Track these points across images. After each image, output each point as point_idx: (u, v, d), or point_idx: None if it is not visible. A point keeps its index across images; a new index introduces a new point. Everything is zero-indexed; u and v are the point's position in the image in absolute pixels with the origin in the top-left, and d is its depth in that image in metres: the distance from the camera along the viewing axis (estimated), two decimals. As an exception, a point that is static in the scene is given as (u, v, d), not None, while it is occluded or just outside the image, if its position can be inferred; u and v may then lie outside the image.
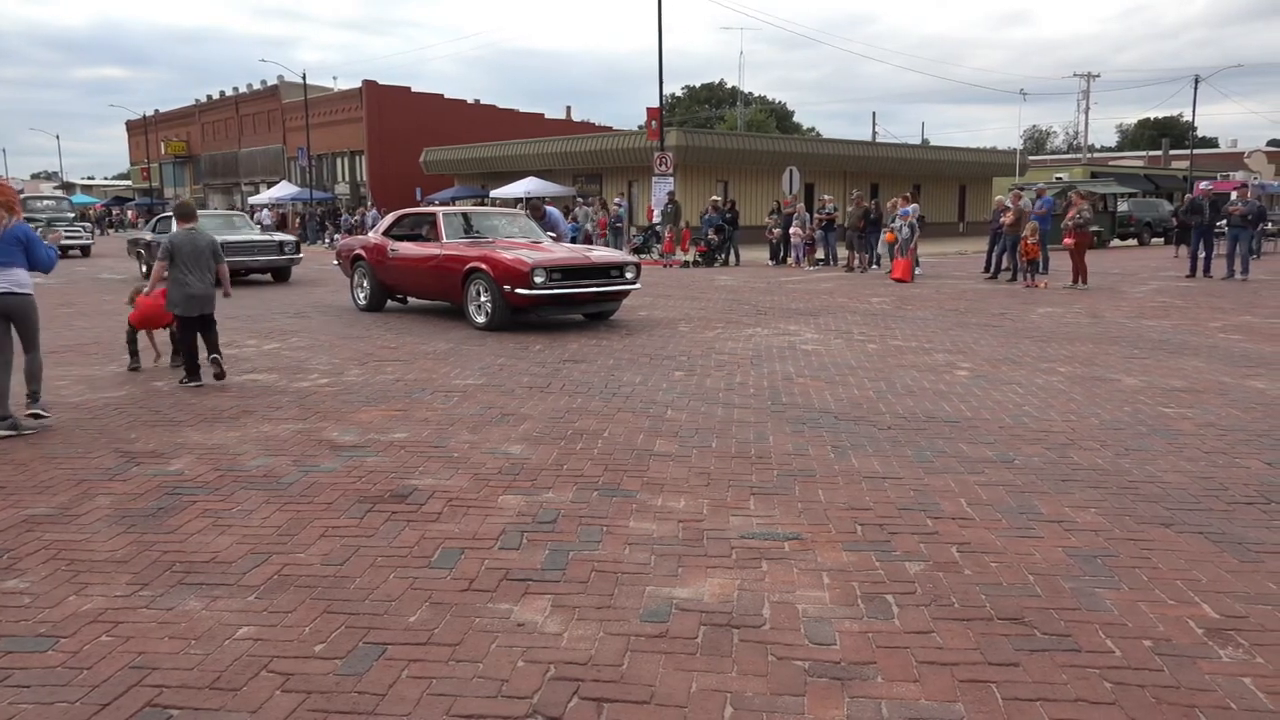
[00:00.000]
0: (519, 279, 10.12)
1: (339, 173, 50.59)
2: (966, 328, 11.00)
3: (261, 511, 4.43)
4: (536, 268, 10.09)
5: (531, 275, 10.06)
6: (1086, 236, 16.34)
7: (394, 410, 6.58)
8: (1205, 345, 9.54)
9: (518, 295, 10.16)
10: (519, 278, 10.12)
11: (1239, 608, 3.37)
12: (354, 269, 13.14)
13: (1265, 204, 27.19)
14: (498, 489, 4.76)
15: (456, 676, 2.90)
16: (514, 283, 10.14)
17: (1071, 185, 29.01)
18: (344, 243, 14.37)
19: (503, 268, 10.26)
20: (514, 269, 10.16)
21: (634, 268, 11.16)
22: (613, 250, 14.46)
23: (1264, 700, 2.75)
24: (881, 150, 39.87)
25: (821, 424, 6.14)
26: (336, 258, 13.89)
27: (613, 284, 10.91)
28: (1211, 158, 64.47)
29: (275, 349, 9.49)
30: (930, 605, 3.39)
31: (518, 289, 10.13)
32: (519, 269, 10.13)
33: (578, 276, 10.59)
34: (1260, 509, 4.43)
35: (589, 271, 10.75)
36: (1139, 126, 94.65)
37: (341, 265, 13.65)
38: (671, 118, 56.07)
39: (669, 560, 3.82)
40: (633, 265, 11.19)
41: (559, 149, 36.06)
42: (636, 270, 11.18)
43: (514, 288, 10.15)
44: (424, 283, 11.78)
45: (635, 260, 11.34)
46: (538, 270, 10.09)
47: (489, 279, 10.40)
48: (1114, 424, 6.12)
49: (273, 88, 54.18)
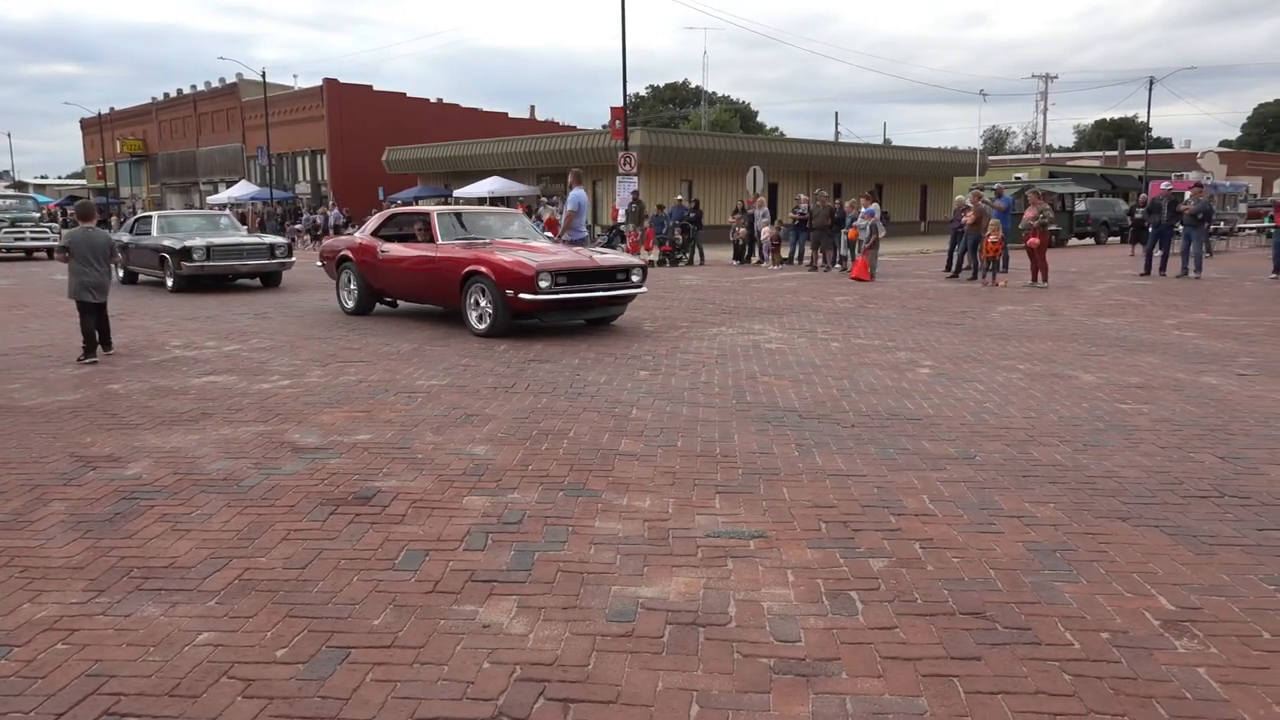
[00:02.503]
0: (523, 283, 9.53)
1: (300, 172, 50.06)
2: (928, 326, 11.12)
3: (222, 515, 4.37)
4: (542, 271, 9.51)
5: (536, 279, 9.47)
6: (1047, 236, 16.58)
7: (357, 411, 6.52)
8: (1160, 342, 9.72)
9: (521, 300, 9.58)
10: (523, 282, 9.53)
11: (1194, 599, 3.43)
12: (340, 271, 12.57)
13: (1216, 204, 27.77)
14: (462, 490, 4.73)
15: (421, 679, 2.88)
16: (517, 287, 9.56)
17: (1030, 185, 29.40)
18: (329, 243, 13.64)
19: (505, 271, 9.68)
20: (518, 273, 9.57)
21: (640, 270, 10.59)
22: (617, 252, 13.87)
23: (1218, 690, 2.81)
24: (844, 150, 40.22)
25: (786, 422, 6.17)
26: (321, 259, 13.32)
27: (619, 288, 10.35)
28: (1166, 158, 65.68)
29: (235, 350, 9.36)
30: (894, 601, 3.42)
31: (521, 293, 9.54)
32: (523, 273, 9.53)
33: (584, 280, 10.02)
34: (1214, 502, 4.52)
35: (595, 275, 10.18)
36: (1096, 127, 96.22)
37: (326, 267, 13.05)
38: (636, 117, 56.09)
39: (635, 560, 3.82)
40: (639, 268, 10.60)
41: (523, 148, 35.96)
42: (643, 273, 10.63)
43: (517, 292, 9.56)
44: (417, 286, 11.22)
45: (641, 263, 10.80)
46: (543, 274, 9.52)
47: (490, 283, 9.80)
48: (1072, 420, 6.22)
49: (231, 86, 53.50)
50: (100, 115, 64.82)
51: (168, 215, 18.40)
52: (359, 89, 47.33)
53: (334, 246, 13.04)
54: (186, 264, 15.19)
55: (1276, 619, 3.27)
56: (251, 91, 49.36)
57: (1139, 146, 60.03)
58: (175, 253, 15.26)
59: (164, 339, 10.21)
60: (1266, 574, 3.66)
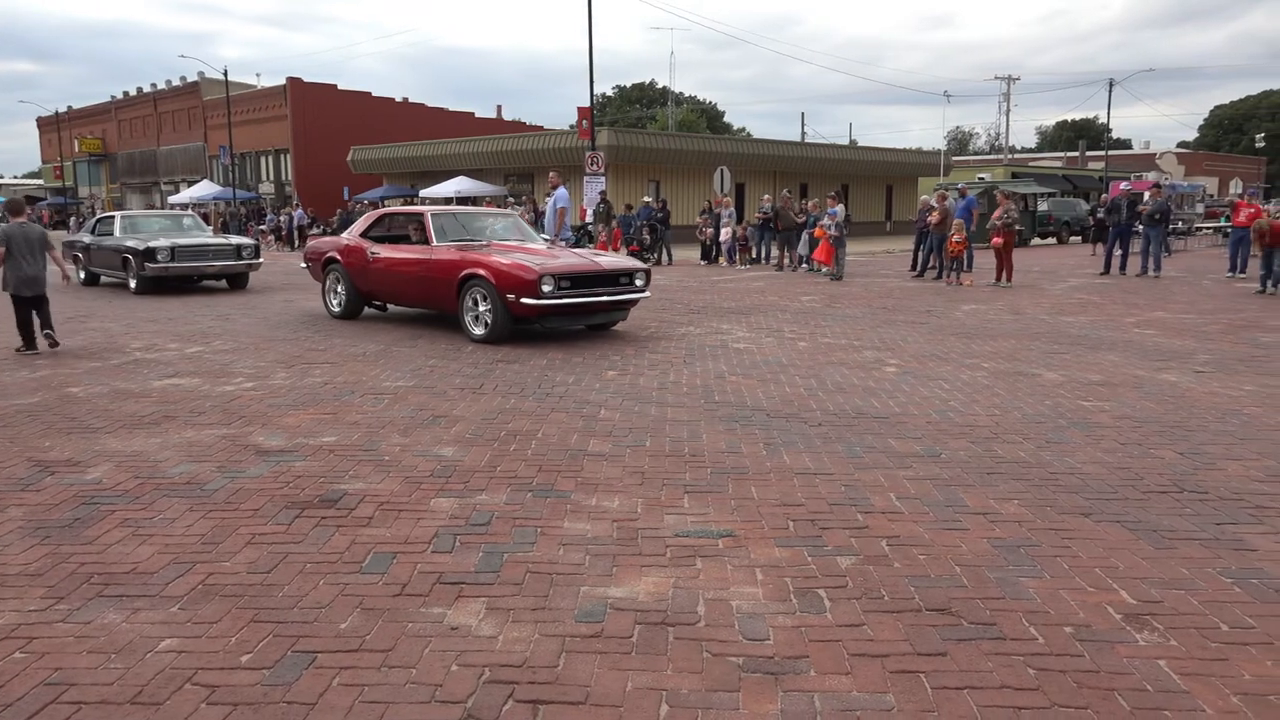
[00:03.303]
0: (525, 288, 9.11)
1: (263, 172, 49.51)
2: (894, 325, 11.21)
3: (184, 520, 4.31)
4: (545, 275, 9.11)
5: (539, 284, 9.07)
6: (1012, 235, 16.79)
7: (323, 413, 6.45)
8: (1121, 340, 9.87)
9: (523, 305, 9.17)
10: (525, 286, 9.11)
11: (1154, 593, 3.49)
12: (326, 273, 12.01)
13: (1174, 204, 28.26)
14: (430, 492, 4.70)
15: (389, 683, 2.86)
16: (519, 291, 9.13)
17: (994, 185, 29.76)
18: (314, 244, 12.96)
19: (506, 275, 9.26)
20: (519, 276, 9.15)
21: (644, 274, 10.17)
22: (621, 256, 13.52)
23: (1178, 681, 2.85)
24: (811, 150, 40.43)
25: (754, 421, 6.20)
26: (306, 260, 12.73)
27: (623, 292, 9.95)
28: (1126, 158, 66.82)
29: (198, 352, 9.24)
30: (861, 598, 3.45)
31: (523, 298, 9.12)
32: (525, 276, 9.11)
33: (587, 284, 9.60)
34: (1173, 497, 4.60)
35: (599, 279, 9.75)
36: (1057, 128, 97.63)
37: (311, 269, 12.47)
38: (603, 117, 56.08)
39: (604, 560, 3.81)
40: (642, 272, 10.17)
41: (490, 148, 35.81)
42: (646, 277, 10.23)
43: (519, 297, 9.14)
44: (410, 290, 10.70)
45: (645, 267, 10.38)
46: (546, 278, 9.11)
47: (490, 287, 9.37)
48: (1036, 417, 6.30)
49: (193, 84, 52.81)
50: (58, 114, 63.74)
51: (131, 215, 18.06)
52: (323, 88, 46.90)
53: (320, 248, 12.49)
54: (150, 265, 14.94)
55: (1234, 611, 3.33)
56: (213, 90, 48.74)
57: (1099, 147, 60.98)
58: (139, 254, 15.00)
59: (124, 341, 10.05)
60: (1224, 567, 3.73)
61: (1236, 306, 13.26)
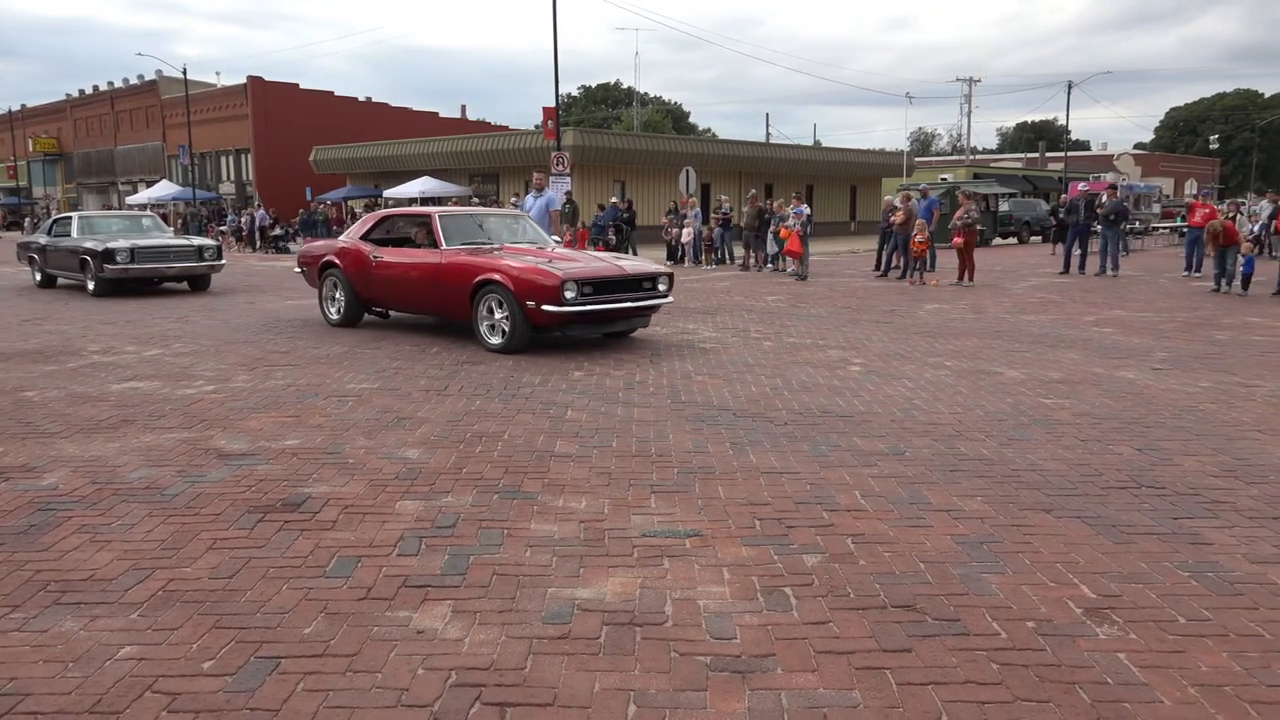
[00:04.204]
0: (546, 294, 8.56)
1: (224, 172, 48.87)
2: (859, 324, 11.30)
3: (144, 525, 4.24)
4: (568, 281, 8.57)
5: (562, 290, 8.55)
6: (974, 235, 16.99)
7: (285, 416, 6.38)
8: (1080, 338, 10.03)
9: (544, 313, 8.63)
10: (546, 293, 8.56)
11: (1114, 587, 3.55)
12: (323, 278, 11.25)
13: (1130, 204, 28.74)
14: (395, 494, 4.67)
15: (354, 688, 2.84)
16: (540, 298, 8.58)
17: (956, 186, 30.09)
18: (309, 247, 12.29)
19: (526, 281, 8.68)
20: (540, 283, 8.60)
21: (667, 279, 9.72)
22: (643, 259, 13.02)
23: (1137, 674, 2.90)
24: (775, 151, 40.62)
25: (720, 421, 6.21)
26: (300, 264, 11.99)
27: (647, 298, 9.46)
28: (1084, 160, 67.86)
29: (157, 355, 9.10)
30: (827, 596, 3.47)
31: (544, 305, 8.57)
32: (546, 283, 8.57)
33: (610, 290, 9.09)
34: (1132, 493, 4.67)
35: (623, 284, 9.25)
36: (1017, 129, 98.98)
37: (307, 274, 11.76)
38: (568, 118, 55.98)
39: (571, 561, 3.81)
40: (665, 276, 9.72)
41: (454, 148, 35.62)
42: (670, 281, 9.78)
43: (539, 304, 8.59)
44: (418, 296, 10.06)
45: (669, 271, 9.94)
46: (569, 284, 8.58)
47: (507, 294, 8.81)
48: (998, 415, 6.38)
49: (151, 83, 52.01)
50: (11, 112, 62.46)
51: (88, 216, 17.72)
52: (285, 87, 46.37)
53: (315, 251, 11.78)
54: (109, 267, 14.68)
55: (1191, 604, 3.40)
56: (172, 89, 48.03)
57: (1059, 148, 61.87)
58: (97, 255, 14.72)
59: (81, 344, 9.87)
60: (1181, 561, 3.80)
61: (1192, 305, 13.52)
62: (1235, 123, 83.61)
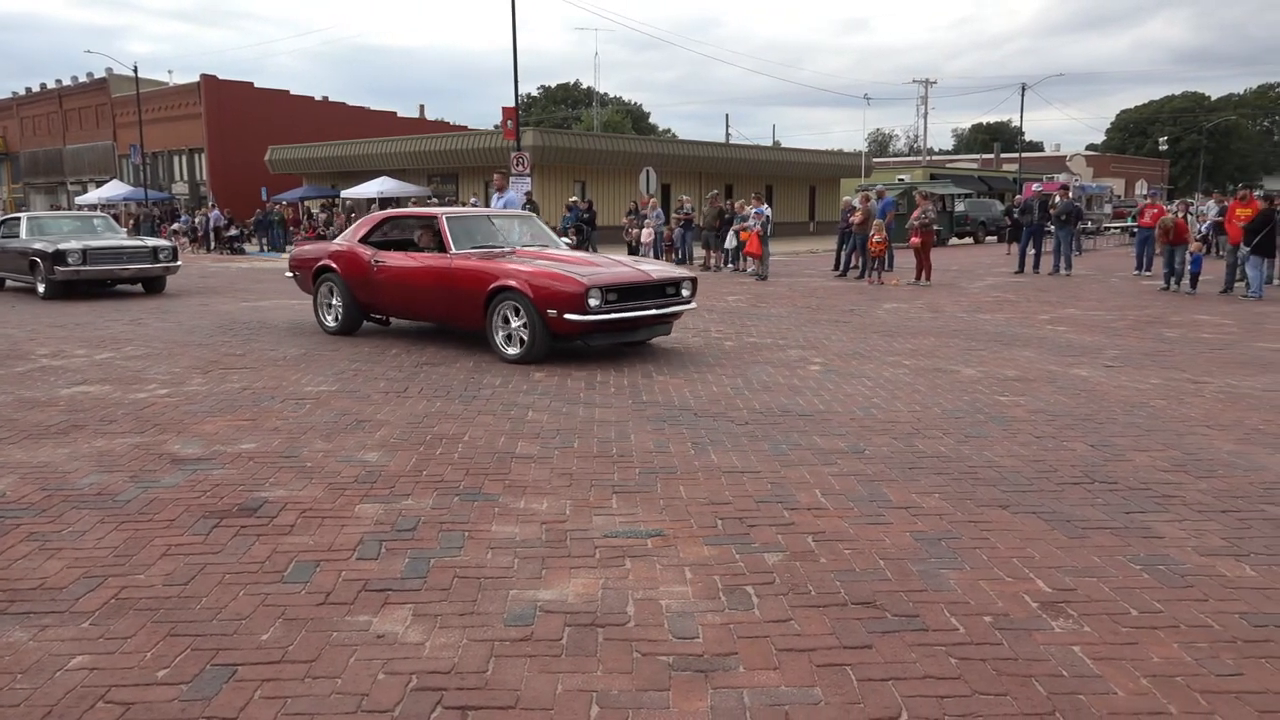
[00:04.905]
0: (569, 302, 8.05)
1: (176, 172, 48.04)
2: (818, 324, 11.39)
3: (95, 532, 4.16)
4: (592, 288, 8.08)
5: (586, 297, 8.03)
6: (930, 235, 17.20)
7: (241, 420, 6.29)
8: (1035, 337, 10.19)
9: (566, 322, 8.11)
10: (569, 300, 8.05)
11: (1068, 581, 3.61)
12: (318, 283, 10.57)
13: (1083, 204, 29.26)
14: (354, 498, 4.62)
15: (313, 694, 2.80)
16: (562, 306, 8.08)
17: (913, 186, 30.42)
18: (304, 250, 11.42)
19: (546, 288, 8.16)
20: (562, 290, 8.09)
21: (690, 284, 9.19)
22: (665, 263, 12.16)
23: (1091, 666, 2.95)
24: (735, 152, 40.80)
25: (681, 421, 6.23)
26: (292, 268, 11.24)
27: (670, 304, 8.93)
28: (1038, 161, 69.00)
29: (108, 358, 8.92)
30: (788, 594, 3.49)
31: (566, 314, 8.06)
32: (570, 290, 8.05)
33: (633, 297, 8.55)
34: (1085, 488, 4.76)
35: (647, 290, 8.72)
36: (973, 131, 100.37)
37: (300, 278, 11.01)
38: (528, 118, 55.82)
39: (532, 563, 3.79)
40: (689, 281, 9.20)
41: (413, 148, 35.33)
42: (693, 287, 9.25)
43: (561, 312, 8.08)
44: (425, 304, 9.47)
45: (692, 275, 9.46)
46: (593, 290, 8.08)
47: (525, 301, 8.26)
48: (955, 413, 6.46)
49: (100, 81, 50.98)
50: (-46, 110, 60.89)
51: (38, 217, 17.28)
52: (239, 86, 45.67)
53: (309, 254, 10.99)
54: (60, 268, 14.34)
55: (1143, 597, 3.46)
56: (122, 87, 47.11)
57: (1013, 149, 62.85)
58: (48, 256, 14.38)
59: (29, 348, 9.65)
60: (1133, 554, 3.87)
61: (1143, 303, 13.80)
62: (1183, 124, 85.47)
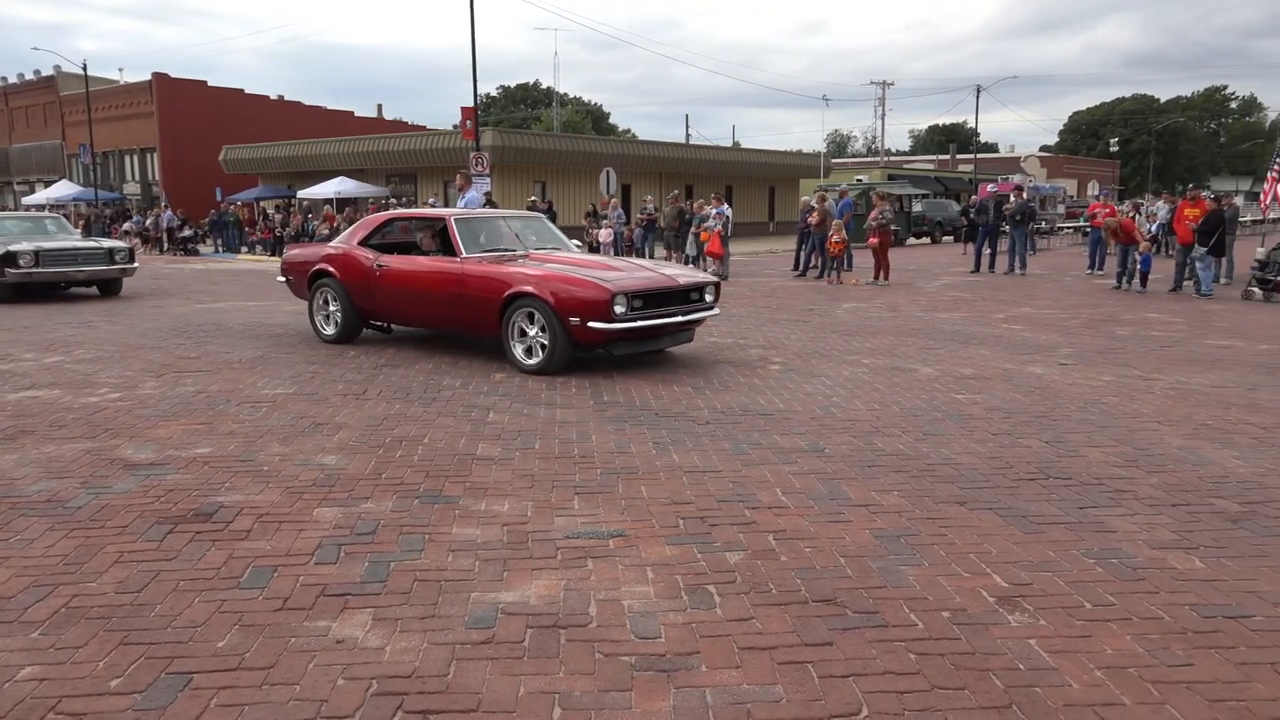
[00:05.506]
0: (594, 309, 7.61)
1: (128, 171, 47.16)
2: (778, 324, 11.46)
3: (45, 540, 4.07)
4: (618, 294, 7.65)
5: (612, 304, 7.61)
6: (888, 235, 17.38)
7: (196, 424, 6.19)
8: (991, 335, 10.33)
9: (591, 330, 7.68)
10: (594, 307, 7.61)
11: (1024, 576, 3.66)
12: (314, 289, 9.97)
13: (1036, 204, 29.74)
14: (312, 501, 4.56)
15: (271, 701, 2.76)
16: (586, 314, 7.63)
17: (871, 187, 30.71)
18: (295, 253, 10.76)
19: (569, 295, 7.72)
20: (587, 297, 7.65)
21: (713, 289, 8.78)
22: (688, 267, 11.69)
23: (1047, 659, 3.00)
24: (695, 152, 40.89)
25: (642, 421, 6.23)
26: (284, 272, 10.64)
27: (695, 310, 8.50)
28: (993, 162, 69.98)
29: (57, 362, 8.73)
30: (750, 593, 3.51)
31: (591, 321, 7.62)
32: (595, 297, 7.62)
33: (659, 303, 8.17)
34: (1040, 484, 4.83)
35: (673, 296, 8.32)
36: (929, 132, 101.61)
37: (294, 283, 10.43)
38: (487, 117, 55.52)
39: (494, 565, 3.77)
40: (712, 286, 8.80)
41: (370, 148, 34.98)
42: (716, 291, 8.84)
43: (586, 320, 7.64)
44: (434, 310, 8.94)
45: (716, 280, 9.07)
46: (619, 297, 7.65)
47: (545, 308, 7.83)
48: (913, 411, 6.53)
49: (49, 78, 49.88)
50: (-105, 108, 59.26)
51: None
52: (192, 84, 44.91)
53: (304, 257, 10.37)
54: (11, 271, 13.98)
55: (1096, 590, 3.53)
56: (72, 85, 46.13)
57: (969, 150, 63.64)
58: None
59: (-25, 351, 9.42)
60: (1087, 549, 3.94)
61: (1095, 302, 14.06)
62: (1134, 126, 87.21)
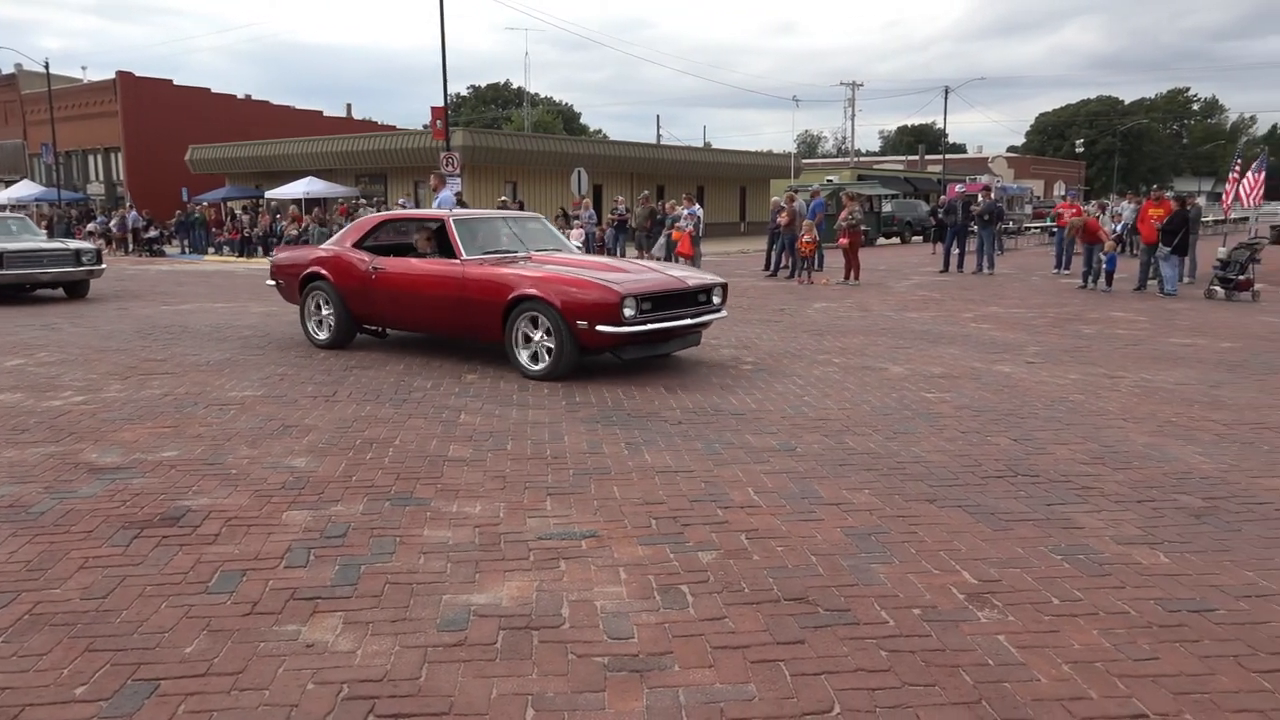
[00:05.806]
0: (603, 312, 7.38)
1: (92, 171, 46.49)
2: (749, 324, 11.49)
3: (8, 546, 4.00)
4: (628, 297, 7.44)
5: (621, 307, 7.39)
6: (858, 235, 17.48)
7: (162, 427, 6.11)
8: (960, 334, 10.43)
9: (598, 334, 7.46)
10: (603, 311, 7.38)
11: (993, 572, 3.70)
12: (306, 293, 9.65)
13: (1004, 204, 30.06)
14: (281, 505, 4.52)
15: (240, 707, 2.73)
16: (595, 317, 7.40)
17: (841, 187, 30.88)
18: (288, 256, 10.32)
19: (577, 298, 7.48)
20: (595, 300, 7.42)
21: (721, 290, 8.57)
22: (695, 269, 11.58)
23: (1016, 655, 3.03)
24: (666, 153, 40.95)
25: (614, 421, 6.23)
26: (274, 276, 10.27)
27: (704, 312, 8.32)
28: (961, 162, 70.64)
29: (19, 365, 8.59)
30: (722, 592, 3.52)
31: (600, 325, 7.39)
32: (604, 300, 7.39)
33: (668, 305, 7.96)
34: (1009, 482, 4.88)
35: (682, 298, 8.13)
36: (899, 132, 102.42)
37: (284, 287, 10.09)
38: (458, 117, 55.29)
39: (466, 566, 3.76)
40: (719, 288, 8.57)
41: (340, 148, 34.71)
42: (724, 293, 8.66)
43: (594, 324, 7.41)
44: (434, 314, 8.65)
45: (723, 282, 8.77)
46: (628, 300, 7.44)
47: (551, 311, 7.59)
48: (883, 410, 6.57)
49: (10, 76, 49.03)
50: None
51: None
52: (158, 83, 44.34)
53: (295, 260, 9.98)
54: None
55: (1064, 586, 3.57)
56: (33, 83, 45.38)
57: (938, 151, 64.22)
58: None
59: (-65, 355, 9.25)
60: (1054, 545, 3.99)
61: (1061, 301, 14.22)
62: (1099, 127, 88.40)
